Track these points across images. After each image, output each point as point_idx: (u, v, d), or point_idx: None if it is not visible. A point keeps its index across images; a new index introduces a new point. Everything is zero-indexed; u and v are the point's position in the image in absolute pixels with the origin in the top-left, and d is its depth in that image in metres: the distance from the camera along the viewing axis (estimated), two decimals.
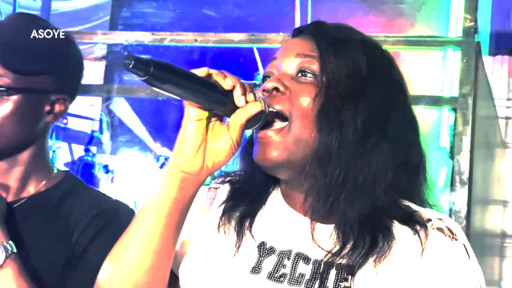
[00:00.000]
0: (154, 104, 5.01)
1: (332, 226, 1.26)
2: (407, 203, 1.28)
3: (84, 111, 5.03)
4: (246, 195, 1.35)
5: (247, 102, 1.20)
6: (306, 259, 1.25)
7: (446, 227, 1.24)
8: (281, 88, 1.26)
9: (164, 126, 4.77)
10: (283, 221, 1.31)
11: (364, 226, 1.22)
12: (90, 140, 4.50)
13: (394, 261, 1.21)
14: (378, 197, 1.24)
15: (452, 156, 2.70)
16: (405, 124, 1.31)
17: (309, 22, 2.38)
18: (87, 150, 4.37)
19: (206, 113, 1.20)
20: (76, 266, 1.63)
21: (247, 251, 1.29)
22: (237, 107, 1.20)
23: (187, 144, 1.21)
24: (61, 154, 4.41)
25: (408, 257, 1.22)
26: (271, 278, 1.24)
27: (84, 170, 4.21)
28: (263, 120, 1.23)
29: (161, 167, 4.29)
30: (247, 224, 1.32)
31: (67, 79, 1.76)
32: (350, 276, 1.21)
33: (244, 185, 1.37)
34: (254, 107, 1.20)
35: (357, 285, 1.20)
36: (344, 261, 1.22)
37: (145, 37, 3.31)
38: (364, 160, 1.23)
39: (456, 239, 1.24)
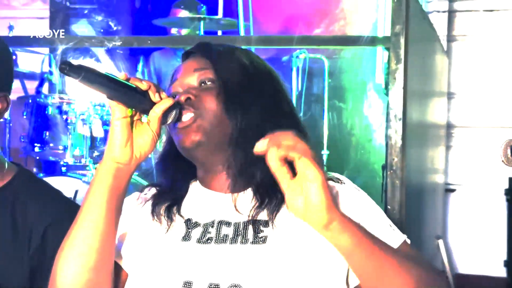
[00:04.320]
0: None
1: (248, 192, 1.55)
2: None
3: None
4: (169, 192, 1.62)
5: (161, 98, 1.47)
6: (228, 224, 1.53)
7: (334, 176, 1.58)
8: (192, 97, 1.55)
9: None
10: (205, 201, 1.59)
11: (274, 184, 1.39)
12: (41, 82, 4.47)
13: None
14: None
15: (387, 93, 2.83)
16: (288, 101, 1.64)
17: None
18: (38, 92, 4.36)
19: (129, 111, 1.45)
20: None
21: (177, 227, 1.56)
22: (154, 103, 1.46)
23: (117, 139, 1.45)
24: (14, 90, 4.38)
25: None
26: (199, 242, 1.51)
27: (38, 112, 4.21)
28: (176, 113, 1.51)
29: None
30: (174, 209, 1.59)
31: (3, 77, 1.79)
32: (265, 228, 1.49)
33: (166, 185, 1.64)
34: (168, 101, 1.48)
35: (276, 229, 1.48)
36: (259, 218, 1.51)
37: None
38: (271, 130, 1.40)
39: (343, 183, 1.57)
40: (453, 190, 5.05)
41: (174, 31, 4.86)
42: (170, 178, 1.63)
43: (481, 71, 4.99)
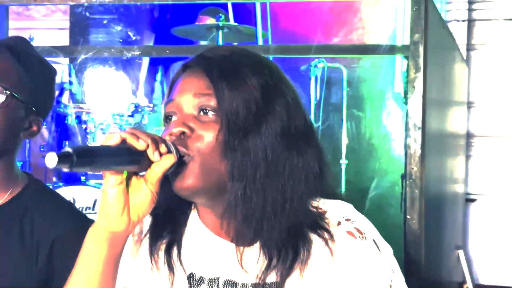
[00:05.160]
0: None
1: (256, 247, 1.34)
2: (315, 202, 1.38)
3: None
4: (166, 222, 1.42)
5: (161, 155, 1.26)
6: (234, 285, 1.34)
7: (355, 228, 1.34)
8: (187, 132, 1.30)
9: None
10: (208, 248, 1.39)
11: (285, 240, 1.30)
12: (61, 92, 4.49)
13: (314, 264, 1.32)
14: (295, 210, 1.32)
15: (406, 102, 2.81)
16: (306, 134, 1.38)
17: None
18: (57, 102, 4.36)
19: (125, 174, 1.26)
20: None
21: (179, 285, 1.37)
22: (152, 162, 1.25)
23: (112, 208, 1.26)
24: None
25: (323, 261, 1.32)
26: None
27: (57, 122, 4.23)
28: (175, 166, 1.28)
29: (132, 115, 4.30)
30: (174, 254, 1.39)
31: (46, 104, 1.83)
32: None
33: (163, 212, 1.41)
34: (168, 160, 1.26)
35: None
36: (270, 280, 1.31)
37: None
38: (278, 181, 1.31)
39: (365, 238, 1.33)
40: (473, 200, 5.02)
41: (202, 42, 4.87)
42: (168, 204, 1.40)
43: (501, 80, 4.96)
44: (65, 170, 1.14)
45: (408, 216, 2.71)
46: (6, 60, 1.73)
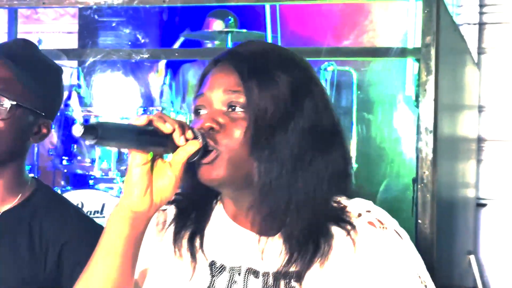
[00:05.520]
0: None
1: (277, 238, 1.37)
2: (338, 198, 1.41)
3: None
4: (191, 213, 1.45)
5: (186, 141, 1.29)
6: (256, 273, 1.37)
7: (376, 218, 1.37)
8: (216, 127, 1.34)
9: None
10: (230, 237, 1.42)
11: (307, 235, 1.33)
12: (69, 95, 4.47)
13: (336, 256, 1.34)
14: (318, 206, 1.36)
15: (417, 105, 2.78)
16: (333, 134, 1.41)
17: None
18: (66, 105, 4.36)
19: (150, 156, 1.29)
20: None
21: (201, 271, 1.40)
22: (178, 146, 1.29)
23: (136, 187, 1.29)
24: None
25: (345, 252, 1.35)
26: None
27: (66, 125, 4.23)
28: (200, 154, 1.32)
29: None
30: (197, 243, 1.42)
31: (54, 106, 1.83)
32: (297, 283, 1.33)
33: (188, 203, 1.46)
34: (193, 146, 1.30)
35: (312, 282, 1.32)
36: (291, 269, 1.33)
37: (114, 0, 3.33)
38: (304, 177, 1.34)
39: (386, 228, 1.37)
40: (484, 205, 4.98)
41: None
42: (194, 194, 1.45)
43: None
44: (90, 142, 1.18)
45: (419, 221, 2.68)
46: (9, 70, 1.73)
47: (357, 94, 4.58)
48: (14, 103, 1.69)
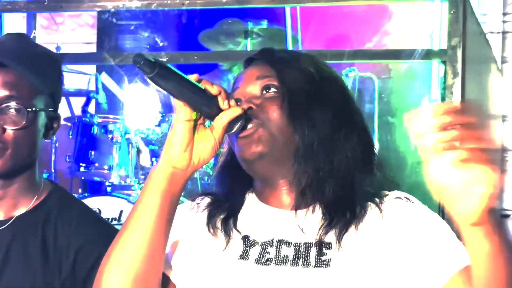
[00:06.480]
0: None
1: (315, 210, 1.46)
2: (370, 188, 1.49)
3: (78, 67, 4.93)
4: (224, 203, 1.54)
5: (229, 106, 1.40)
6: (288, 243, 1.43)
7: (404, 196, 1.47)
8: (254, 107, 1.46)
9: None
10: (262, 217, 1.50)
11: (344, 204, 1.43)
12: (87, 101, 4.46)
13: (368, 221, 1.43)
14: (354, 178, 1.46)
15: None
16: (358, 113, 1.55)
17: None
18: (84, 111, 4.34)
19: (194, 114, 1.38)
20: None
21: (234, 243, 1.47)
22: (221, 110, 1.39)
23: (177, 142, 1.38)
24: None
25: (374, 218, 1.43)
26: (258, 263, 1.42)
27: (84, 132, 4.20)
28: (241, 124, 1.42)
29: (159, 124, 4.24)
30: (231, 222, 1.50)
31: (59, 97, 1.81)
32: (328, 251, 1.39)
33: (221, 196, 1.56)
34: (236, 110, 1.40)
35: (341, 251, 1.38)
36: (322, 239, 1.41)
37: (133, 3, 3.28)
38: (341, 149, 1.46)
39: (412, 202, 1.45)
40: (508, 216, 4.90)
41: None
42: (227, 189, 1.56)
43: None
44: (146, 76, 1.27)
45: None
46: (15, 73, 1.69)
47: (379, 100, 4.50)
48: (30, 109, 1.67)
